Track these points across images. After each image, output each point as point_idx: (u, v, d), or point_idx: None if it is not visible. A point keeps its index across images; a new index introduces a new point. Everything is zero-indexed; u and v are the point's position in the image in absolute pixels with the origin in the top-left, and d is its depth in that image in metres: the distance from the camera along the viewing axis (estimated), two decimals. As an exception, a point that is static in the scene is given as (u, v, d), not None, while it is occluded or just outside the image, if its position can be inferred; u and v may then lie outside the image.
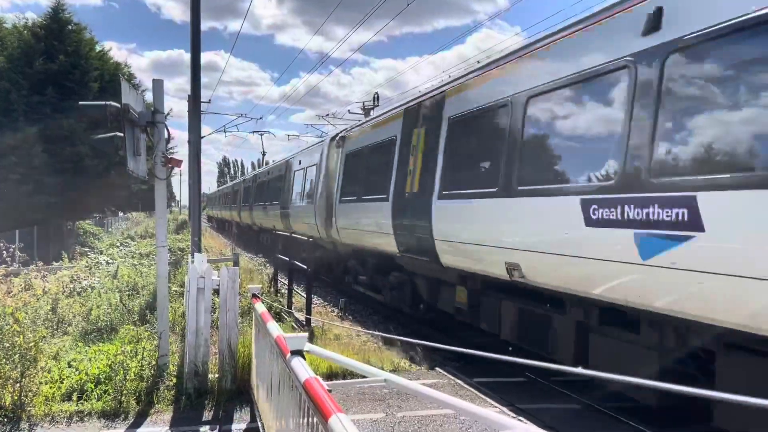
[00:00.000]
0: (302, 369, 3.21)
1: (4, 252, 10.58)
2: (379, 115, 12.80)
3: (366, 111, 34.86)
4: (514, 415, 6.24)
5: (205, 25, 14.42)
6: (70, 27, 24.24)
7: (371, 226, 11.60)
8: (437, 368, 8.33)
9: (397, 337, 5.91)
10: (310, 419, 3.04)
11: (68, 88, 22.19)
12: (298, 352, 3.53)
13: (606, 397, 6.68)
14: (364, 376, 3.48)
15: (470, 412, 2.64)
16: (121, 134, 6.96)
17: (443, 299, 9.43)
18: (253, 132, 79.15)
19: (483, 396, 7.01)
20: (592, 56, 5.87)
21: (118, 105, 6.81)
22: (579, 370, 2.64)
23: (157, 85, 7.67)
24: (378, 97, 35.50)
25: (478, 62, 8.91)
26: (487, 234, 7.42)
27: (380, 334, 7.48)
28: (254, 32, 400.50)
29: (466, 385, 7.45)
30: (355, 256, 13.83)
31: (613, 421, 6.37)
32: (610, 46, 5.61)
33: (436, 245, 8.70)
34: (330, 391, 2.88)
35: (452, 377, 7.84)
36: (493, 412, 3.19)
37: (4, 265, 10.13)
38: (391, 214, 10.45)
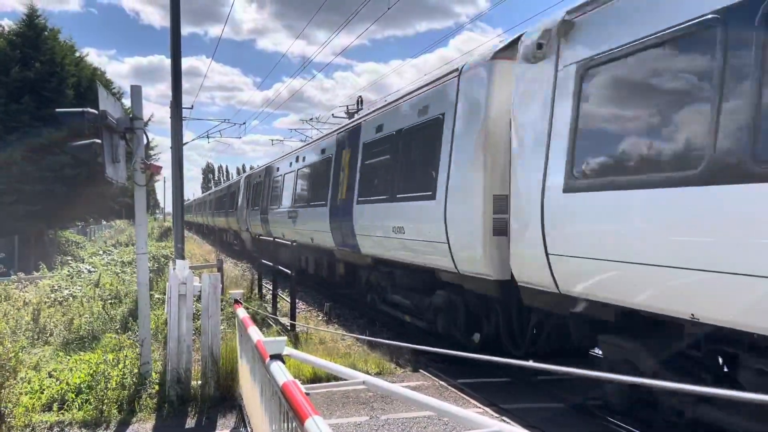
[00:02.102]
0: (281, 373, 3.21)
1: (-17, 262, 10.43)
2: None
3: (350, 114, 34.84)
4: (498, 415, 6.27)
5: (185, 30, 14.48)
6: (45, 33, 24.02)
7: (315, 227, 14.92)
8: (422, 370, 8.34)
9: (380, 340, 5.92)
10: (290, 423, 3.03)
11: (45, 96, 21.99)
12: (278, 356, 3.53)
13: (589, 395, 6.74)
14: (344, 380, 3.49)
15: (450, 413, 2.65)
16: (99, 141, 6.91)
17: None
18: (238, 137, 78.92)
19: (467, 397, 7.03)
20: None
21: (96, 112, 6.76)
22: (563, 368, 2.66)
23: (136, 91, 7.63)
24: (362, 100, 35.47)
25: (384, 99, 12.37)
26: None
27: (364, 338, 7.47)
28: (235, 37, 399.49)
29: (450, 386, 7.46)
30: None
31: (597, 419, 6.42)
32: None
33: (357, 239, 11.87)
34: (308, 394, 2.88)
35: (436, 379, 7.86)
36: (473, 412, 3.21)
37: (-18, 276, 9.98)
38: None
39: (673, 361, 5.20)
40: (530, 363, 2.69)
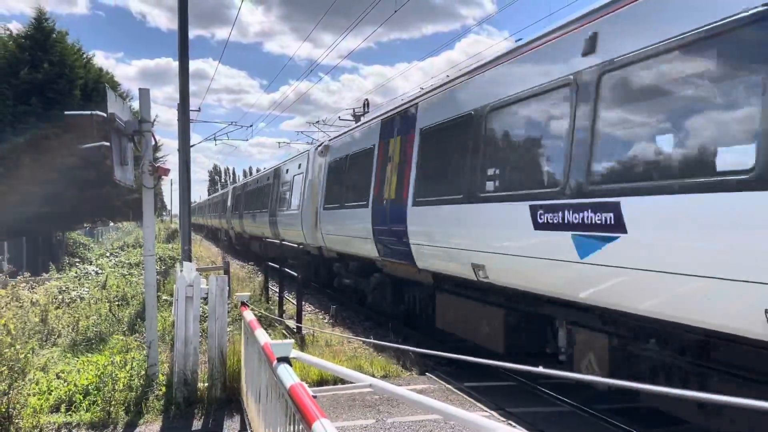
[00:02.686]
0: (288, 376, 3.21)
1: (-8, 263, 10.50)
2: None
3: (356, 117, 34.86)
4: (504, 419, 6.26)
5: (192, 33, 14.66)
6: (53, 36, 24.15)
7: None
8: (428, 373, 8.33)
9: (386, 343, 5.93)
10: (296, 426, 3.04)
11: (52, 97, 22.11)
12: (285, 359, 3.54)
13: (595, 399, 6.72)
14: (351, 383, 3.49)
15: (457, 417, 2.65)
16: (108, 143, 6.95)
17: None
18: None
19: (472, 400, 7.02)
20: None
21: (104, 114, 6.81)
22: (571, 374, 2.66)
23: (144, 93, 7.67)
24: (368, 103, 35.46)
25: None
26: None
27: (371, 341, 7.48)
28: (242, 40, 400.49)
29: (456, 390, 7.46)
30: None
31: (602, 422, 6.40)
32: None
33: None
34: (315, 397, 2.89)
35: (442, 382, 7.85)
36: (479, 416, 3.20)
37: (-9, 277, 10.05)
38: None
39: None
40: (539, 369, 2.69)
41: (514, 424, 6.01)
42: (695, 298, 4.50)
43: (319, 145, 16.45)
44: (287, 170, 20.17)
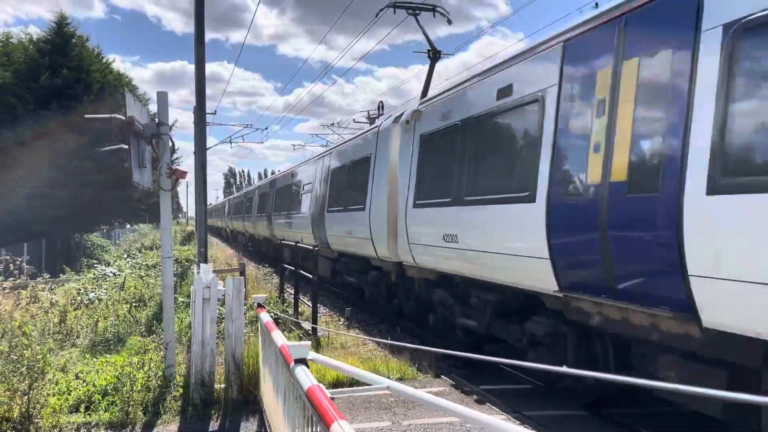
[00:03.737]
0: (305, 377, 3.22)
1: (11, 265, 10.65)
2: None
3: (371, 119, 34.91)
4: (521, 423, 6.22)
5: (207, 36, 14.57)
6: (73, 40, 24.48)
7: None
8: (443, 376, 8.31)
9: (402, 344, 5.90)
10: (314, 428, 3.04)
11: (71, 102, 22.40)
12: (302, 361, 3.55)
13: (611, 402, 6.67)
14: (368, 385, 3.49)
15: (476, 420, 2.64)
16: (126, 146, 7.02)
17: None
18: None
19: (488, 403, 6.99)
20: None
21: (123, 117, 6.88)
22: (590, 373, 2.63)
23: (162, 97, 7.75)
24: (382, 105, 35.54)
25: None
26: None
27: (386, 341, 7.46)
28: (256, 42, 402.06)
29: (472, 393, 7.43)
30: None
31: (620, 427, 6.34)
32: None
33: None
34: (333, 399, 2.89)
35: (458, 385, 7.82)
36: (497, 418, 3.19)
37: (11, 278, 10.19)
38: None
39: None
40: (564, 369, 2.66)
41: (530, 427, 5.98)
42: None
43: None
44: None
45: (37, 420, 6.21)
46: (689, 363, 5.04)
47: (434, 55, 13.59)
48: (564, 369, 2.63)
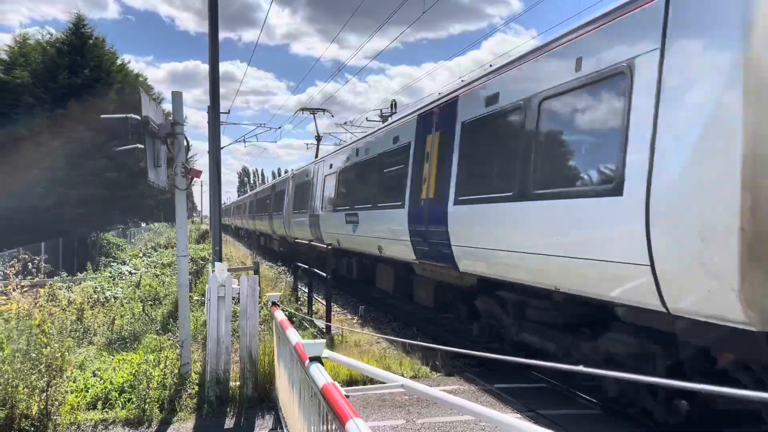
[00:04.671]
0: (320, 375, 3.24)
1: (30, 264, 10.78)
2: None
3: (383, 118, 34.90)
4: (535, 421, 6.20)
5: (219, 35, 14.45)
6: (91, 41, 24.73)
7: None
8: (457, 374, 8.31)
9: (416, 342, 5.91)
10: (330, 425, 3.06)
11: (89, 101, 22.63)
12: (317, 359, 3.56)
13: (628, 401, 6.62)
14: (382, 383, 3.50)
15: (491, 418, 2.64)
16: (142, 146, 7.09)
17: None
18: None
19: (503, 402, 6.98)
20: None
21: (139, 117, 6.94)
22: (608, 372, 2.62)
23: (177, 97, 7.80)
24: (395, 104, 35.53)
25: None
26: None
27: (400, 339, 7.45)
28: (269, 42, 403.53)
29: (486, 391, 7.42)
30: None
31: (635, 425, 6.30)
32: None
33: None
34: (348, 397, 2.90)
35: (472, 383, 7.82)
36: (512, 417, 3.19)
37: (29, 277, 10.32)
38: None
39: None
40: (580, 368, 2.65)
41: (545, 427, 5.95)
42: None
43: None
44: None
45: (55, 417, 6.30)
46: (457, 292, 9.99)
47: (318, 139, 21.68)
48: (581, 368, 2.63)
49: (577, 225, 5.90)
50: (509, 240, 7.15)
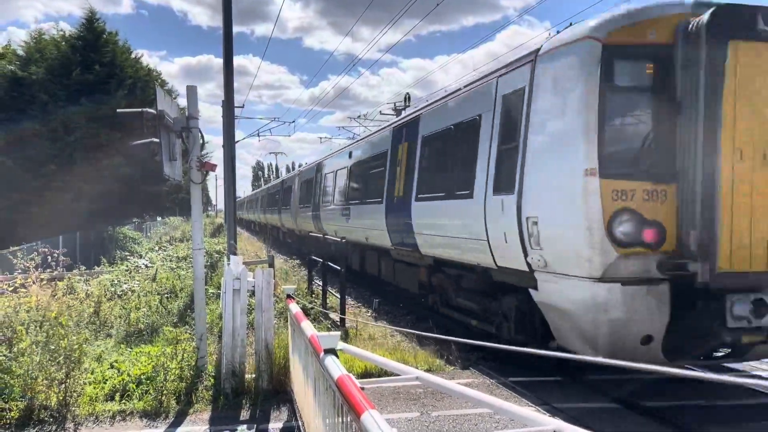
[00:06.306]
0: (335, 367, 3.25)
1: (49, 257, 10.91)
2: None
3: (397, 111, 34.84)
4: (551, 415, 6.18)
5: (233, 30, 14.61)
6: (104, 36, 24.85)
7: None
8: (471, 368, 8.30)
9: (430, 334, 5.91)
10: (344, 417, 3.07)
11: (103, 97, 22.78)
12: (332, 351, 3.58)
13: (643, 395, 6.58)
14: (397, 375, 3.50)
15: (506, 411, 2.63)
16: (158, 140, 7.13)
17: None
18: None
19: (518, 395, 6.96)
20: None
21: (154, 112, 6.98)
22: (623, 363, 2.59)
23: (191, 91, 7.83)
24: (409, 97, 35.46)
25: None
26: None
27: (414, 332, 7.45)
28: (281, 35, 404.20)
29: (500, 384, 7.41)
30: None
31: (651, 419, 6.26)
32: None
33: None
34: (363, 389, 2.91)
35: (486, 376, 7.81)
36: (529, 410, 3.18)
37: (49, 270, 10.44)
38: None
39: None
40: (600, 359, 2.63)
41: (561, 419, 5.93)
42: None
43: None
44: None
45: (74, 408, 6.39)
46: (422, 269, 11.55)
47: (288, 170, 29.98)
48: (595, 359, 2.61)
49: (462, 215, 8.94)
50: (441, 227, 9.83)
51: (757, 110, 6.02)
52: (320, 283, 14.15)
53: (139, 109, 7.06)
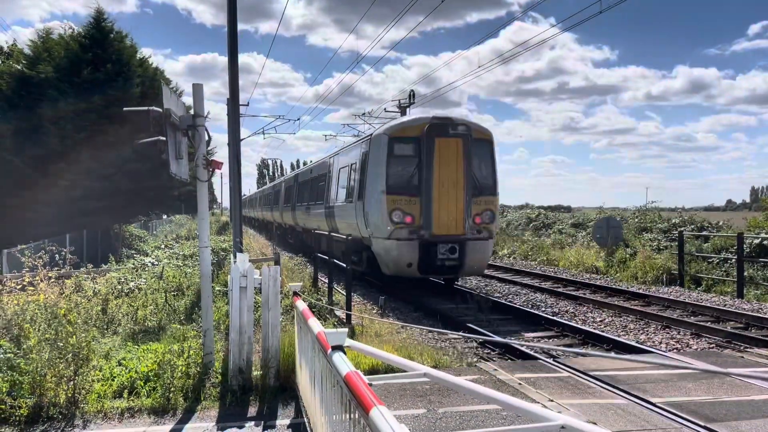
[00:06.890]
0: (343, 363, 3.25)
1: (57, 255, 10.97)
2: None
3: (402, 109, 34.79)
4: (560, 411, 6.17)
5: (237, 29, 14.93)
6: (112, 35, 24.88)
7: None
8: (478, 364, 8.29)
9: (437, 330, 5.91)
10: (352, 414, 3.07)
11: (112, 95, 22.81)
12: (339, 348, 3.58)
13: (649, 390, 6.56)
14: (404, 372, 3.50)
15: (514, 407, 2.63)
16: (164, 138, 7.14)
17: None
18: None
19: (524, 392, 6.96)
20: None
21: (160, 110, 7.00)
22: (628, 356, 2.60)
23: (197, 89, 7.84)
24: (414, 94, 35.36)
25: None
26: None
27: (421, 327, 7.47)
28: (285, 33, 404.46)
29: (507, 381, 7.40)
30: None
31: (657, 415, 6.25)
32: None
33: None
34: (371, 385, 2.91)
35: (493, 373, 7.80)
36: (537, 406, 3.17)
37: (56, 268, 10.50)
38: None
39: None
40: (612, 354, 2.63)
41: (567, 415, 5.92)
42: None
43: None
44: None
45: (82, 405, 6.42)
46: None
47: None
48: (596, 353, 2.60)
49: (352, 211, 16.22)
50: (348, 218, 17.03)
51: (447, 167, 14.44)
52: (326, 280, 14.17)
53: (146, 108, 7.07)
